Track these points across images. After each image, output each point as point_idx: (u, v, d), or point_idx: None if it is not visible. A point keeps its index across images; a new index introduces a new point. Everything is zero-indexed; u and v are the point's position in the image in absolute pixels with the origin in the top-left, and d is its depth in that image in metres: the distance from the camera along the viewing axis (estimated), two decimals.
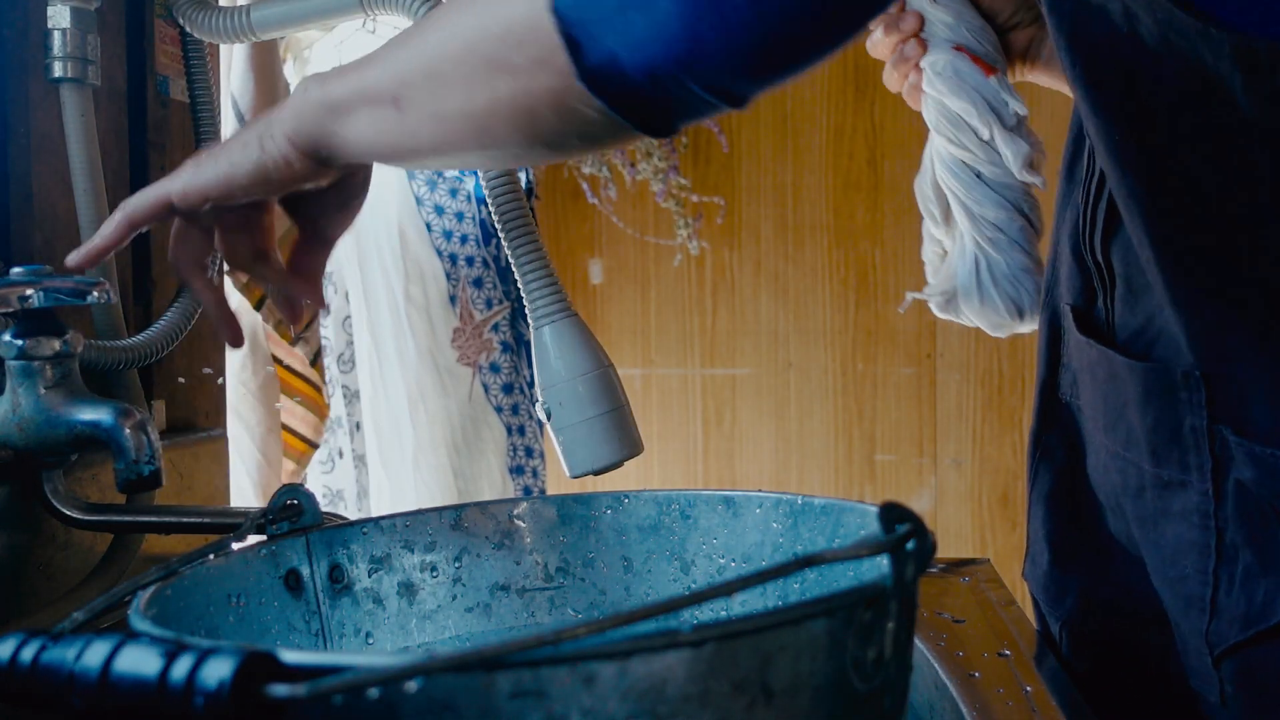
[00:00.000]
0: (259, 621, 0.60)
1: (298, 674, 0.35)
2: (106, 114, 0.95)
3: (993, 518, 2.36)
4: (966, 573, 1.00)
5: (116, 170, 0.97)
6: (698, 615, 0.65)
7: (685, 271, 2.44)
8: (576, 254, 2.48)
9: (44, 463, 0.78)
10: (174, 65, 1.03)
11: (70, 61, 0.86)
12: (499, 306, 1.85)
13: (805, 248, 2.41)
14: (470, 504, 0.69)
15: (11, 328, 0.75)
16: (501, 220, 0.76)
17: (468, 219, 1.82)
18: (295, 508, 0.64)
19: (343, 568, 0.65)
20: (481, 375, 1.82)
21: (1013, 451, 2.35)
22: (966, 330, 2.34)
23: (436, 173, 1.81)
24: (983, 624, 0.83)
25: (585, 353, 0.76)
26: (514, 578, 0.69)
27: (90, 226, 0.88)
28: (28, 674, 0.37)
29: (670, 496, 0.69)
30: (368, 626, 0.66)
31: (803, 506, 0.64)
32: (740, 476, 2.43)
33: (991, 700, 0.67)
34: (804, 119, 2.39)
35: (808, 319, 2.41)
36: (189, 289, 0.89)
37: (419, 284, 1.75)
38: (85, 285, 0.75)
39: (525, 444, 1.88)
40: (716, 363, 2.44)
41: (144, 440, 0.74)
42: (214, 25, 0.89)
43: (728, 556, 0.67)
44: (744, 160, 2.41)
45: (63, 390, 0.76)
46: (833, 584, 0.60)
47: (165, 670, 0.35)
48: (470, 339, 1.81)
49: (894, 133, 2.37)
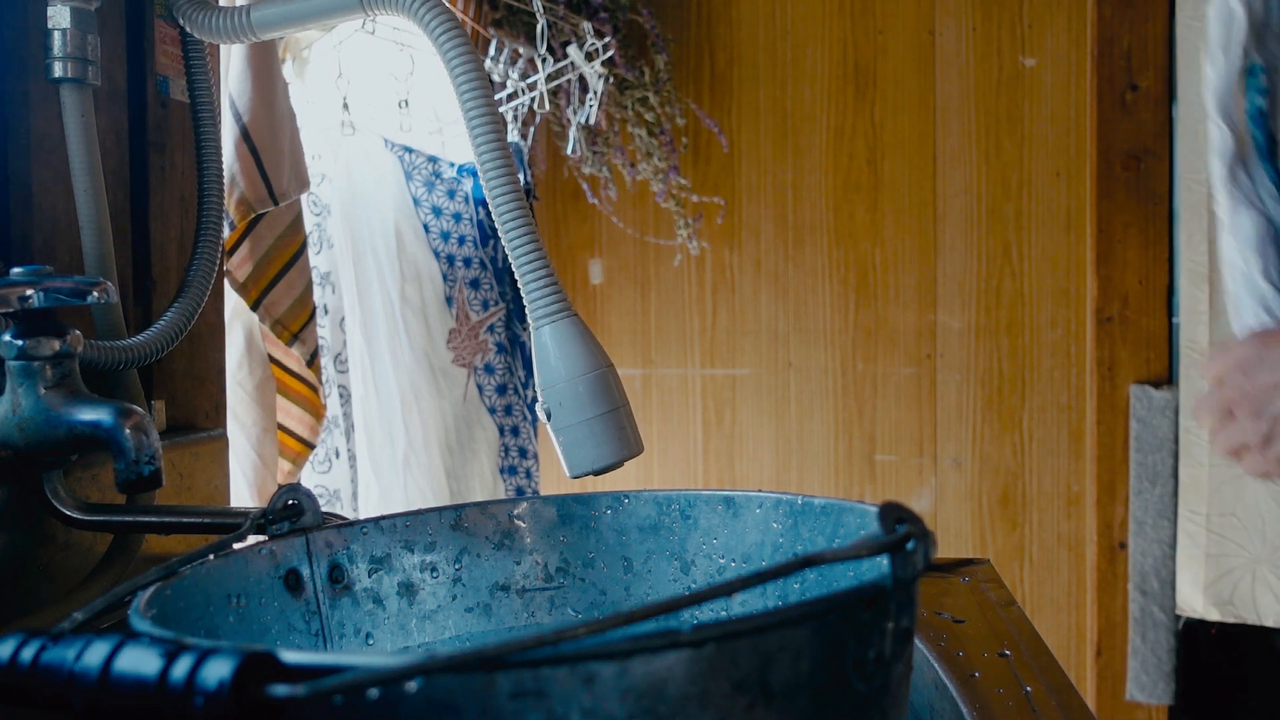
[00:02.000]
0: (259, 621, 0.60)
1: (298, 674, 0.35)
2: (106, 114, 0.95)
3: (993, 518, 2.36)
4: (966, 573, 1.00)
5: (116, 170, 0.97)
6: (698, 615, 0.65)
7: (685, 271, 2.44)
8: (576, 254, 2.48)
9: (44, 463, 0.78)
10: (174, 65, 1.03)
11: (70, 61, 0.86)
12: (495, 308, 1.86)
13: (805, 248, 2.41)
14: (470, 504, 0.69)
15: (11, 328, 0.75)
16: (501, 220, 0.76)
17: (465, 220, 1.82)
18: (295, 508, 0.64)
19: (343, 568, 0.65)
20: (476, 376, 1.82)
21: (1013, 451, 2.35)
22: (966, 330, 2.34)
23: (434, 174, 1.81)
24: (983, 624, 0.83)
25: (585, 353, 0.76)
26: (514, 578, 0.69)
27: (90, 226, 0.88)
28: (28, 674, 0.37)
29: (670, 496, 0.69)
30: (368, 627, 0.66)
31: (803, 506, 0.64)
32: (740, 476, 2.43)
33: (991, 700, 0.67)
34: (804, 119, 2.39)
35: (808, 319, 2.41)
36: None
37: (415, 284, 1.75)
38: (85, 285, 0.75)
39: (519, 445, 1.88)
40: (716, 363, 2.44)
41: (144, 440, 0.74)
42: (214, 25, 0.89)
43: (728, 556, 0.67)
44: (744, 160, 2.41)
45: (63, 390, 0.76)
46: (833, 584, 0.60)
47: (165, 670, 0.35)
48: (466, 340, 1.81)
49: (894, 133, 2.37)
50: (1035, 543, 2.34)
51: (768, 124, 2.40)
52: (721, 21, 2.41)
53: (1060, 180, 2.30)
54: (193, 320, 0.95)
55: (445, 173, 1.82)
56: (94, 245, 0.88)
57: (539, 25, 1.87)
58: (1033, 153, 2.31)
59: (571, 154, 2.13)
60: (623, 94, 2.18)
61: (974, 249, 2.34)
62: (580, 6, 2.11)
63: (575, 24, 2.01)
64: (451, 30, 0.77)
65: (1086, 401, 2.28)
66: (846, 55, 2.38)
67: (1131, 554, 2.16)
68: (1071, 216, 2.30)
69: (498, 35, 1.91)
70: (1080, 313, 2.30)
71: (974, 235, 2.34)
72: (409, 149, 1.79)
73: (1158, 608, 2.13)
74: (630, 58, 2.20)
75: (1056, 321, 2.31)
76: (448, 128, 1.92)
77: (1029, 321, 2.33)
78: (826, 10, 2.38)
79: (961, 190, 2.34)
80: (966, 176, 2.34)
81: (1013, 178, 2.32)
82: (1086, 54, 2.24)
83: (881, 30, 2.36)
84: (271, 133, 1.37)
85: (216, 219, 0.99)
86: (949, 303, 2.35)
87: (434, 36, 0.77)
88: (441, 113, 1.92)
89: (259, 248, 1.41)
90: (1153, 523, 2.12)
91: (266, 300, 1.41)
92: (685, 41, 2.40)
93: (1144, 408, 2.14)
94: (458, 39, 0.77)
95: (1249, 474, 0.89)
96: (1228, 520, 1.96)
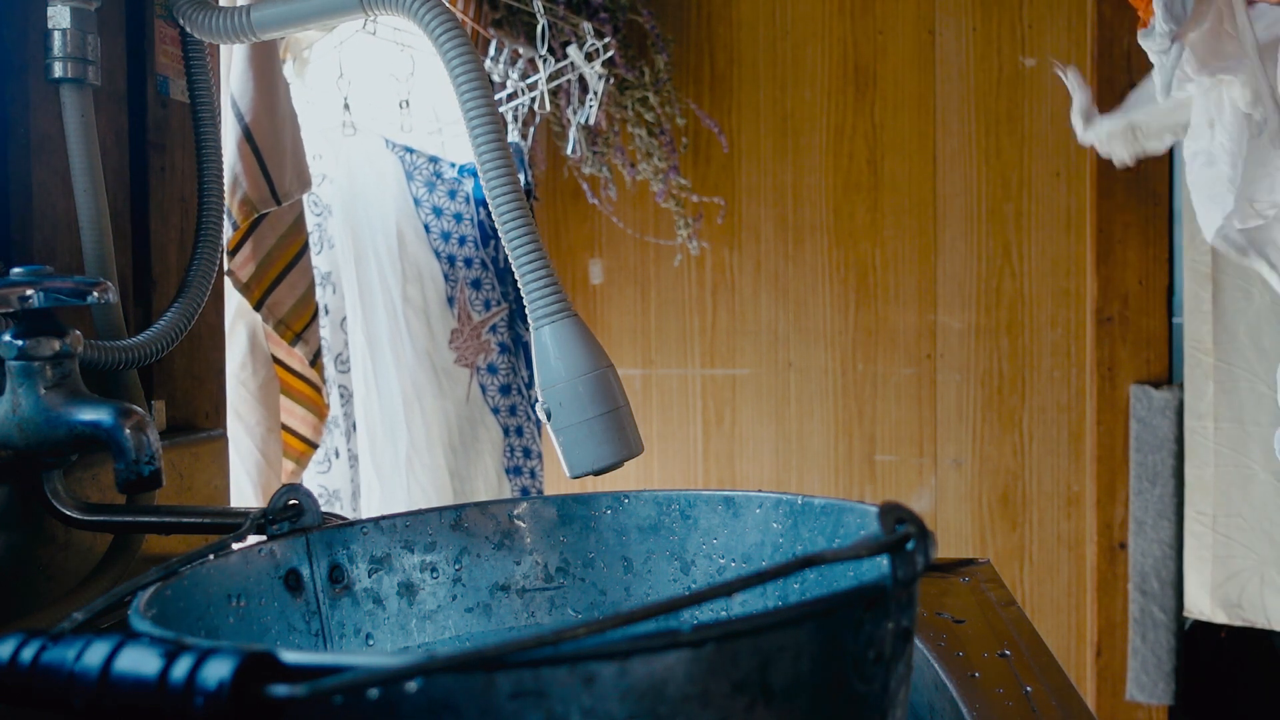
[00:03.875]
0: (259, 621, 0.60)
1: (298, 674, 0.35)
2: (106, 114, 0.95)
3: (993, 518, 2.36)
4: (966, 573, 1.00)
5: (116, 170, 0.97)
6: (698, 615, 0.65)
7: (685, 271, 2.44)
8: (576, 254, 2.48)
9: (44, 463, 0.78)
10: (174, 65, 1.03)
11: (70, 62, 0.86)
12: (497, 308, 1.86)
13: (805, 248, 2.41)
14: (470, 504, 0.69)
15: (11, 328, 0.75)
16: (501, 221, 0.76)
17: (466, 220, 1.82)
18: (295, 508, 0.64)
19: (343, 568, 0.65)
20: (479, 376, 1.82)
21: (1013, 451, 2.35)
22: (966, 330, 2.34)
23: (435, 174, 1.81)
24: (983, 624, 0.83)
25: (585, 353, 0.76)
26: (514, 578, 0.69)
27: (90, 226, 0.88)
28: (28, 674, 0.37)
29: (670, 497, 0.69)
30: (368, 627, 0.66)
31: (803, 506, 0.64)
32: (740, 476, 2.43)
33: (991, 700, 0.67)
34: (804, 119, 2.39)
35: (808, 319, 2.41)
36: None
37: (417, 285, 1.75)
38: (85, 285, 0.75)
39: (523, 445, 1.88)
40: (716, 363, 2.44)
41: (144, 440, 0.74)
42: (214, 25, 0.89)
43: (728, 556, 0.67)
44: (744, 160, 2.41)
45: (63, 390, 0.76)
46: (833, 584, 0.60)
47: (165, 670, 0.35)
48: (468, 340, 1.81)
49: (894, 133, 2.37)
50: (1035, 543, 2.34)
51: (768, 124, 2.40)
52: (721, 21, 2.41)
53: (1060, 180, 2.30)
54: (193, 320, 0.95)
55: (446, 173, 1.82)
56: (94, 245, 0.88)
57: (539, 25, 1.87)
58: (1033, 153, 2.31)
59: (571, 154, 2.14)
60: (623, 94, 2.18)
61: (974, 249, 2.34)
62: (580, 6, 2.11)
63: (575, 24, 2.01)
64: (451, 30, 0.77)
65: (1086, 401, 2.28)
66: (846, 55, 2.38)
67: (1131, 554, 2.16)
68: (1071, 216, 2.30)
69: (498, 35, 1.91)
70: (1080, 313, 2.30)
71: (974, 235, 2.34)
72: (410, 149, 1.79)
73: (1158, 608, 2.13)
74: (630, 58, 2.20)
75: (1056, 321, 2.31)
76: (448, 128, 1.92)
77: (1029, 321, 2.33)
78: (826, 10, 2.38)
79: (961, 190, 2.34)
80: (966, 176, 2.34)
81: (1013, 178, 2.32)
82: (1086, 54, 2.24)
83: (881, 30, 2.36)
84: (274, 132, 1.37)
85: (216, 219, 0.99)
86: (949, 303, 2.35)
87: (434, 37, 0.77)
88: (442, 113, 1.92)
89: (261, 248, 1.41)
90: (1153, 523, 2.12)
91: (270, 300, 1.41)
92: (685, 41, 2.40)
93: (1144, 408, 2.14)
94: (458, 39, 0.77)
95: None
96: (1234, 521, 1.95)
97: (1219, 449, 1.96)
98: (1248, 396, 1.93)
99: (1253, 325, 1.92)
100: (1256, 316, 1.91)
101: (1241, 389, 1.93)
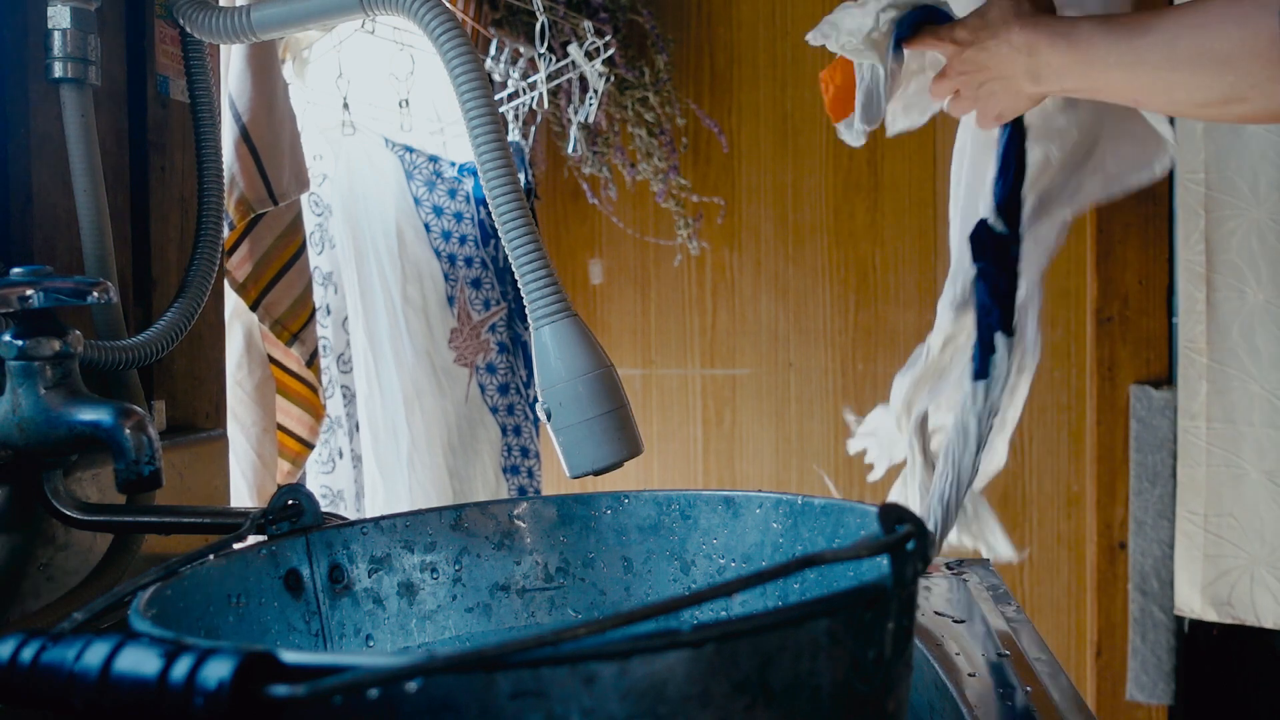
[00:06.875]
0: (259, 621, 0.60)
1: (297, 674, 0.35)
2: (106, 114, 0.95)
3: None
4: (966, 573, 1.00)
5: (116, 170, 0.97)
6: (698, 615, 0.65)
7: (685, 271, 2.44)
8: (576, 254, 2.48)
9: (44, 463, 0.78)
10: (174, 65, 1.03)
11: (70, 62, 0.86)
12: (497, 307, 1.86)
13: (805, 248, 2.41)
14: (470, 504, 0.69)
15: (11, 328, 0.75)
16: (501, 220, 0.76)
17: (466, 219, 1.82)
18: (295, 508, 0.64)
19: (343, 568, 0.65)
20: (478, 376, 1.82)
21: (1012, 452, 2.34)
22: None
23: (435, 173, 1.81)
24: (983, 624, 0.83)
25: (585, 353, 0.76)
26: (514, 578, 0.69)
27: (90, 226, 0.88)
28: (28, 674, 0.37)
29: (670, 497, 0.69)
30: (368, 627, 0.66)
31: (803, 506, 0.64)
32: (740, 476, 2.43)
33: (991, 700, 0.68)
34: (804, 119, 2.39)
35: (808, 319, 2.41)
36: None
37: (416, 284, 1.75)
38: (85, 285, 0.75)
39: (521, 444, 1.88)
40: (716, 363, 2.44)
41: (144, 440, 0.74)
42: (214, 25, 0.89)
43: (728, 556, 0.67)
44: (744, 160, 2.41)
45: (63, 390, 0.76)
46: (833, 584, 0.60)
47: (165, 670, 0.35)
48: (468, 340, 1.81)
49: None
50: (1035, 543, 2.34)
51: (768, 124, 2.40)
52: (721, 21, 2.41)
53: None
54: (193, 320, 0.95)
55: (446, 172, 1.82)
56: (94, 245, 0.88)
57: (539, 24, 1.87)
58: None
59: (571, 154, 2.14)
60: (623, 94, 2.18)
61: None
62: (580, 6, 2.11)
63: (575, 23, 2.01)
64: (451, 30, 0.77)
65: (1086, 402, 2.28)
66: None
67: (1131, 554, 2.16)
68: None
69: (498, 35, 1.91)
70: (1080, 313, 2.30)
71: None
72: (410, 149, 1.79)
73: (1158, 608, 2.13)
74: (630, 57, 2.20)
75: (1056, 321, 2.31)
76: (448, 127, 1.92)
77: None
78: (827, 10, 2.38)
79: None
80: None
81: None
82: None
83: None
84: (271, 132, 1.37)
85: (216, 219, 0.99)
86: None
87: (434, 36, 0.77)
88: (442, 112, 1.92)
89: (258, 248, 1.41)
90: (1153, 523, 2.12)
91: (266, 300, 1.41)
92: (685, 41, 2.40)
93: (1144, 408, 2.14)
94: (458, 39, 0.77)
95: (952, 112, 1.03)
96: (1225, 521, 1.96)
97: (1211, 449, 1.96)
98: (1240, 397, 1.93)
99: (1246, 325, 1.92)
100: (1250, 316, 1.91)
101: (1234, 389, 1.93)
